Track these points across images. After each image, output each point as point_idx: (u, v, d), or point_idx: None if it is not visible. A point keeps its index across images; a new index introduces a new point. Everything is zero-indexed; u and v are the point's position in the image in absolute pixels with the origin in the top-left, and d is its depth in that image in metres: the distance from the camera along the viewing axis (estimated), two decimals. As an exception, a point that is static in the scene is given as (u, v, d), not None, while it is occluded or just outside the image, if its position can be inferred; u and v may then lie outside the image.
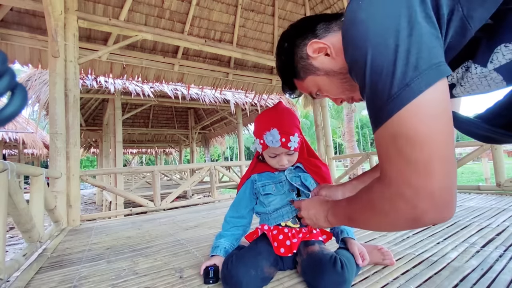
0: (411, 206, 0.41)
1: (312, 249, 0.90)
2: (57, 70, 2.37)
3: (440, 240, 1.21)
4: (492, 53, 0.45)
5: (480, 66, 0.46)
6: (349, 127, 13.07)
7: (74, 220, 2.35)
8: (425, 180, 0.39)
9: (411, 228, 0.49)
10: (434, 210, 0.40)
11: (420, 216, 0.41)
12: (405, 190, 0.41)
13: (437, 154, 0.39)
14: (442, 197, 0.40)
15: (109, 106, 6.34)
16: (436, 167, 0.39)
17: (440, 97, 0.39)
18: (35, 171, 1.53)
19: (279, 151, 0.99)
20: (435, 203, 0.40)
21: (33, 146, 8.80)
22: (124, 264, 1.20)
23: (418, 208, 0.41)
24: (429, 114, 0.38)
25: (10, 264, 1.10)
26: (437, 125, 0.39)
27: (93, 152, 12.01)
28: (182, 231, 1.82)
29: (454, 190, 0.41)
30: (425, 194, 0.40)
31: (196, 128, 10.33)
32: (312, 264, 0.84)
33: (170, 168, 6.03)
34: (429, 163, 0.39)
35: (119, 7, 3.13)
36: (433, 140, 0.39)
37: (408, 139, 0.39)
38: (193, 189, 7.28)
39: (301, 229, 1.01)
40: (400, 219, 0.44)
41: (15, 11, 2.73)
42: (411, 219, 0.42)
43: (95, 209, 8.12)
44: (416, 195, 0.40)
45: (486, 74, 0.46)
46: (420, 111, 0.38)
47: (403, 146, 0.40)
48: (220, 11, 3.85)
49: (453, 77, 0.53)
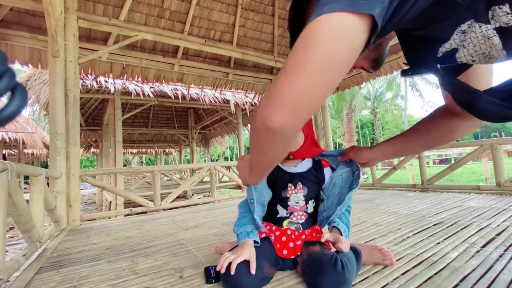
0: (264, 105, 0.46)
1: (313, 249, 0.89)
2: (57, 70, 2.37)
3: (440, 240, 1.21)
4: (489, 11, 0.44)
5: (484, 24, 0.46)
6: (349, 127, 13.07)
7: (74, 220, 2.35)
8: (283, 87, 0.43)
9: (270, 140, 0.52)
10: (277, 112, 0.44)
11: (268, 116, 0.45)
12: (269, 94, 0.45)
13: (305, 67, 0.41)
14: (291, 105, 0.43)
15: (109, 106, 6.34)
16: (300, 77, 0.42)
17: (337, 24, 0.40)
18: (35, 171, 1.53)
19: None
20: (282, 106, 0.43)
21: (33, 146, 8.80)
22: (124, 264, 1.20)
23: (267, 106, 0.45)
24: (316, 32, 0.41)
25: (10, 264, 1.10)
26: (316, 44, 0.41)
27: (93, 152, 12.02)
28: (182, 231, 1.82)
29: (302, 112, 0.44)
30: (277, 97, 0.44)
31: (196, 128, 10.33)
32: (313, 264, 0.83)
33: (170, 168, 6.03)
34: (295, 71, 0.42)
35: (119, 7, 3.13)
36: (305, 53, 0.41)
37: (295, 45, 0.43)
38: (193, 189, 7.28)
39: (304, 231, 1.00)
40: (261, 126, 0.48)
41: (15, 11, 2.73)
42: (263, 124, 0.47)
43: (95, 209, 8.12)
44: (272, 96, 0.44)
45: (490, 34, 0.45)
46: (313, 26, 0.42)
47: (291, 52, 0.44)
48: (220, 11, 3.85)
49: (455, 40, 0.51)
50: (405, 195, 2.76)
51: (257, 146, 0.57)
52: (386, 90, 24.98)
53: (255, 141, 0.55)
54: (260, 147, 0.56)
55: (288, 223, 1.00)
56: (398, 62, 4.04)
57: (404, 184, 3.43)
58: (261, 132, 0.49)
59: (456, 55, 0.53)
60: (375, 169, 3.90)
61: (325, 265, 0.79)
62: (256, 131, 0.51)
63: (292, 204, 1.01)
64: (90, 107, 7.73)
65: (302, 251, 0.94)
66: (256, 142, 0.55)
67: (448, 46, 0.53)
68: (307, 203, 1.02)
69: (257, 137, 0.52)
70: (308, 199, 1.02)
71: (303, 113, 0.45)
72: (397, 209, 2.03)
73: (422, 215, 1.76)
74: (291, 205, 1.01)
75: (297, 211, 1.01)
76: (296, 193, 1.01)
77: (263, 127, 0.47)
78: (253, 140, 0.56)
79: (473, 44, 0.49)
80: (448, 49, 0.53)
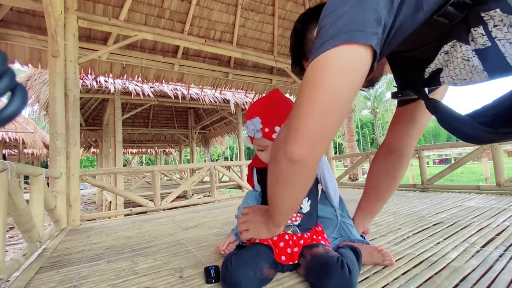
0: (284, 140, 0.48)
1: (316, 251, 0.86)
2: (57, 70, 2.36)
3: (440, 240, 1.21)
4: (469, 33, 0.46)
5: (464, 44, 0.48)
6: (349, 127, 13.06)
7: (74, 220, 2.35)
8: (301, 121, 0.45)
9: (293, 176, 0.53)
10: (298, 144, 0.46)
11: (288, 150, 0.47)
12: (287, 134, 0.48)
13: (320, 101, 0.44)
14: (311, 137, 0.45)
15: (109, 106, 6.34)
16: (314, 110, 0.44)
17: (341, 57, 0.43)
18: (34, 171, 1.53)
19: (264, 143, 0.89)
20: (303, 138, 0.46)
21: (33, 146, 8.80)
22: (124, 264, 1.20)
23: (288, 140, 0.47)
24: (324, 68, 0.44)
25: (10, 264, 1.10)
26: (327, 79, 0.44)
27: (93, 152, 12.01)
28: (182, 231, 1.82)
29: (321, 143, 0.46)
30: (297, 132, 0.46)
31: (196, 128, 10.33)
32: (318, 266, 0.81)
33: (170, 168, 6.01)
34: (312, 106, 0.44)
35: (119, 6, 3.13)
36: (317, 88, 0.44)
37: (304, 84, 0.46)
38: (193, 189, 7.28)
39: (303, 235, 0.95)
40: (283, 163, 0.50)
41: (15, 10, 2.73)
42: (286, 158, 0.48)
43: (95, 209, 8.12)
44: (290, 132, 0.47)
45: (469, 56, 0.47)
46: (320, 63, 0.44)
47: (301, 90, 0.47)
48: (220, 10, 3.85)
49: (439, 59, 0.54)
50: (405, 195, 2.76)
51: (279, 183, 0.55)
52: (386, 90, 24.99)
53: (278, 177, 0.54)
54: (283, 183, 0.55)
55: (285, 227, 0.95)
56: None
57: (404, 184, 3.42)
58: (284, 166, 0.50)
59: (440, 75, 0.55)
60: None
61: (332, 267, 0.77)
62: (278, 166, 0.51)
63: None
64: (90, 107, 7.73)
65: (304, 253, 0.91)
66: (278, 178, 0.54)
67: (434, 66, 0.56)
68: (300, 203, 0.95)
69: (280, 172, 0.52)
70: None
71: (323, 143, 0.47)
72: (397, 209, 2.03)
73: (422, 215, 1.75)
74: None
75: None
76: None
77: (287, 161, 0.48)
78: (275, 177, 0.55)
79: (453, 65, 0.51)
80: (433, 69, 0.56)
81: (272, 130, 0.86)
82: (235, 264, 0.82)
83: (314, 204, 0.99)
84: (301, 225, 0.95)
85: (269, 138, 0.87)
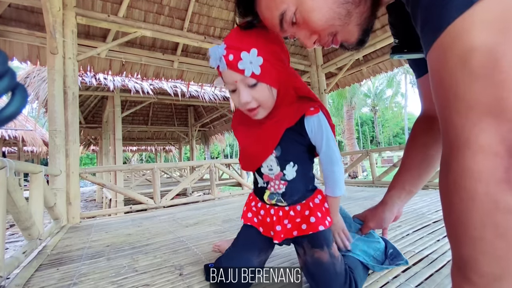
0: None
1: (319, 255, 0.75)
2: (55, 67, 2.35)
3: (440, 238, 1.21)
4: None
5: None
6: (349, 125, 13.06)
7: (74, 217, 2.35)
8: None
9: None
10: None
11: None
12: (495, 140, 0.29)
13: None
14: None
15: (108, 103, 6.32)
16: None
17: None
18: (34, 169, 1.53)
19: (232, 78, 0.67)
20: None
21: (33, 143, 8.79)
22: (124, 261, 1.20)
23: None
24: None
25: (10, 262, 1.09)
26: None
27: (92, 149, 12.00)
28: (182, 229, 1.82)
29: None
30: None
31: (196, 125, 10.32)
32: (321, 279, 0.73)
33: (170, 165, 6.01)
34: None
35: (117, 3, 3.10)
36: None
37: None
38: (193, 187, 7.29)
39: (289, 210, 0.81)
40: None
41: (13, 7, 2.71)
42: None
43: (95, 206, 8.13)
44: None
45: None
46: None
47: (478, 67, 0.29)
48: (219, 7, 3.82)
49: None
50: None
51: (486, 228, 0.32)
52: (386, 88, 24.94)
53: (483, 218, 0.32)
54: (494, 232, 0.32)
55: (268, 196, 0.83)
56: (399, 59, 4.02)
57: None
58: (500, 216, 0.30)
59: None
60: (375, 166, 3.90)
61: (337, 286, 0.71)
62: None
63: (265, 172, 0.81)
64: (90, 104, 7.71)
65: (304, 247, 0.78)
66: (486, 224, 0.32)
67: None
68: (283, 169, 0.79)
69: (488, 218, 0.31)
70: (283, 163, 0.79)
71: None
72: (397, 207, 2.03)
73: (422, 213, 1.75)
74: (264, 173, 0.82)
75: (273, 180, 0.80)
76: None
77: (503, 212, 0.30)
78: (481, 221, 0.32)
79: None
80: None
81: (237, 57, 0.64)
82: (225, 265, 0.81)
83: (303, 172, 0.80)
84: (286, 195, 0.80)
85: (235, 69, 0.65)
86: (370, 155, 3.96)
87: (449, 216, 0.36)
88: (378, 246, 0.92)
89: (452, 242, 0.37)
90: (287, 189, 0.80)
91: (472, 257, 0.33)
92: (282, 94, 0.73)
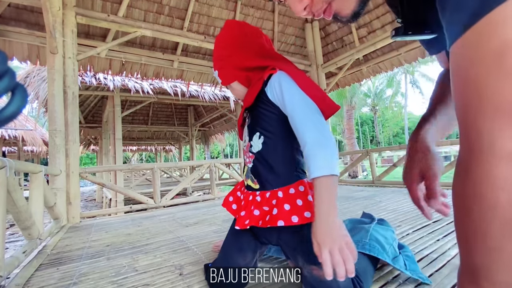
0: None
1: (318, 271, 0.61)
2: (55, 67, 2.35)
3: (440, 237, 1.21)
4: None
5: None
6: (349, 124, 13.06)
7: (74, 217, 2.35)
8: None
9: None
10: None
11: None
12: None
13: None
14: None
15: (108, 103, 6.32)
16: None
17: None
18: (34, 169, 1.53)
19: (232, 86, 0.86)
20: None
21: (33, 143, 8.79)
22: (124, 261, 1.20)
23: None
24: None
25: (10, 261, 1.09)
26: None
27: (92, 149, 12.00)
28: (182, 228, 1.82)
29: None
30: None
31: (196, 125, 10.32)
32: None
33: (170, 165, 6.02)
34: None
35: (117, 3, 3.10)
36: None
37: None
38: (193, 186, 7.29)
39: (261, 194, 0.72)
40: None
41: (13, 7, 2.71)
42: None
43: (95, 206, 8.13)
44: None
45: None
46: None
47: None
48: (219, 7, 3.82)
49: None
50: (405, 192, 2.76)
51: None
52: (386, 87, 24.93)
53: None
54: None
55: (245, 174, 0.77)
56: (399, 58, 4.02)
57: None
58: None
59: None
60: (375, 166, 3.90)
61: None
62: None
63: (242, 145, 0.77)
64: (90, 104, 7.71)
65: (296, 255, 0.69)
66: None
67: None
68: (250, 139, 0.73)
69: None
70: (251, 132, 0.72)
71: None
72: (397, 206, 2.03)
73: (422, 212, 1.75)
74: (242, 147, 0.78)
75: (246, 152, 0.75)
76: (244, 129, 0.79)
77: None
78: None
79: None
80: None
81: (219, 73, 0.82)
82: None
83: (273, 146, 0.70)
84: (254, 172, 0.73)
85: (222, 82, 0.82)
86: (370, 155, 3.96)
87: (463, 223, 0.34)
88: (394, 236, 0.90)
89: (463, 248, 0.36)
90: (254, 164, 0.72)
91: (485, 265, 0.32)
92: (243, 79, 0.80)
